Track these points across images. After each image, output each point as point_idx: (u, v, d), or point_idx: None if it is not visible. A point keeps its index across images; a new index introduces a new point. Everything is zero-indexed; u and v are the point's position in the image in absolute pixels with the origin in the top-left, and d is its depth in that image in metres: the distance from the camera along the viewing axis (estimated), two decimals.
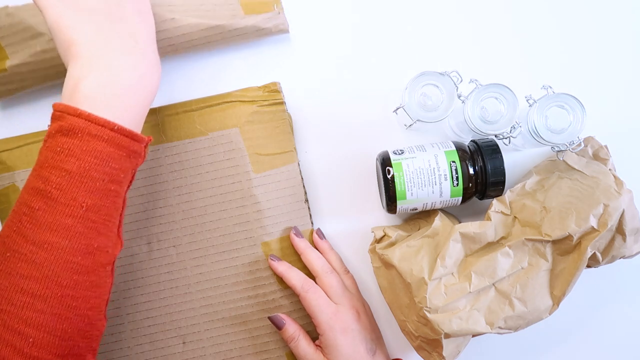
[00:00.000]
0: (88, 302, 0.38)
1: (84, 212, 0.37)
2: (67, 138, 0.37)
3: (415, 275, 0.47)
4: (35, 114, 0.55)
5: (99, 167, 0.37)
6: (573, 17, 0.56)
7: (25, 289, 0.36)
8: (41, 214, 0.36)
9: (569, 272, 0.46)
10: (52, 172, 0.37)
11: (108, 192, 0.38)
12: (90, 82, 0.39)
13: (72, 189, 0.37)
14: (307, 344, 0.49)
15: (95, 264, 0.38)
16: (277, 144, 0.52)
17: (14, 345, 0.35)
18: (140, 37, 0.41)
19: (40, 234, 0.36)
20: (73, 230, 0.37)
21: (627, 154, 0.53)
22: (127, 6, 0.42)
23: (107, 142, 0.37)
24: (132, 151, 0.39)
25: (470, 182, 0.48)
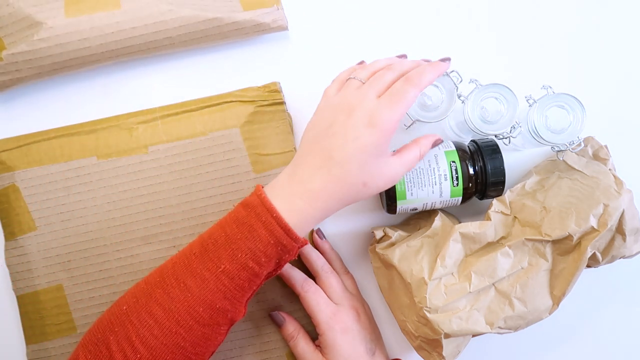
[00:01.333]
0: (195, 348, 0.41)
1: (220, 272, 0.41)
2: (242, 209, 0.42)
3: (415, 275, 0.47)
4: (35, 114, 0.55)
5: (247, 242, 0.41)
6: (573, 17, 0.56)
7: (153, 312, 0.40)
8: (193, 259, 0.42)
9: (569, 272, 0.46)
10: (217, 230, 0.42)
11: (246, 266, 0.41)
12: (283, 175, 0.43)
13: (220, 249, 0.41)
14: (306, 343, 0.49)
15: (212, 320, 0.41)
16: (277, 144, 0.52)
17: (126, 353, 0.40)
18: (334, 153, 0.41)
19: (184, 274, 0.41)
20: (206, 284, 0.41)
21: (627, 154, 0.53)
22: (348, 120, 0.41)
23: (262, 225, 0.41)
24: (280, 243, 0.41)
25: (470, 182, 0.48)
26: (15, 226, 0.51)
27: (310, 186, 0.41)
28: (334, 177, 0.41)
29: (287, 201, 0.41)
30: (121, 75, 0.55)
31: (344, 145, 0.41)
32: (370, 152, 0.41)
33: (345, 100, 0.43)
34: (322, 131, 0.42)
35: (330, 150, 0.41)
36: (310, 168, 0.42)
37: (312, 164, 0.42)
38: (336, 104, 0.43)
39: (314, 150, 0.42)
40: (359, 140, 0.41)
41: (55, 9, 0.51)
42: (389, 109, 0.41)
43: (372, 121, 0.41)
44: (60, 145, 0.52)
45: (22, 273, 0.51)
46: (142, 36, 0.51)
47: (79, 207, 0.51)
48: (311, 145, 0.43)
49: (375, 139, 0.41)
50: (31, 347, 0.51)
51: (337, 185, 0.41)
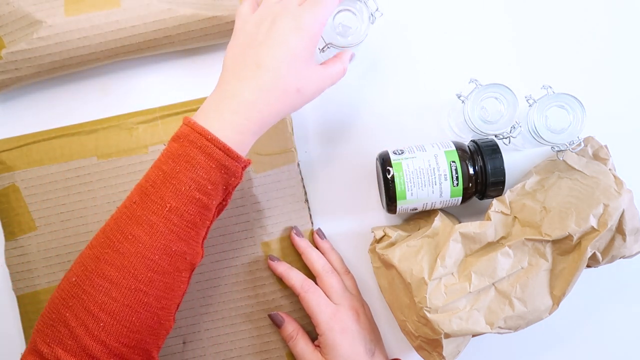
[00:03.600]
0: (159, 301, 0.39)
1: (167, 212, 0.38)
2: (174, 143, 0.40)
3: (415, 275, 0.47)
4: (35, 114, 0.55)
5: (187, 172, 0.38)
6: (573, 17, 0.56)
7: (107, 274, 0.38)
8: (135, 208, 0.39)
9: (569, 272, 0.46)
10: (153, 171, 0.40)
11: (193, 199, 0.39)
12: (210, 99, 0.41)
13: (162, 188, 0.39)
14: (305, 343, 0.49)
15: (171, 266, 0.39)
16: (277, 144, 0.52)
17: (87, 326, 0.37)
18: (262, 61, 0.40)
19: (129, 226, 0.38)
20: (155, 228, 0.38)
21: (627, 154, 0.53)
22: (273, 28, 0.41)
23: (199, 150, 0.39)
24: (223, 165, 0.39)
25: (470, 182, 0.48)
26: (15, 226, 0.51)
27: (242, 98, 0.40)
28: (266, 85, 0.40)
29: (219, 119, 0.39)
30: (121, 75, 0.55)
31: (273, 51, 0.40)
32: (300, 55, 0.40)
33: (266, 12, 0.42)
34: (246, 45, 0.41)
35: (258, 59, 0.40)
36: (239, 81, 0.40)
37: (240, 76, 0.40)
38: (257, 18, 0.42)
39: (240, 63, 0.41)
40: (288, 44, 0.40)
41: (55, 7, 0.51)
42: (313, 12, 0.41)
43: (298, 25, 0.40)
44: (60, 145, 0.52)
45: (22, 273, 0.51)
46: (142, 35, 0.51)
47: (79, 207, 0.51)
48: (236, 61, 0.41)
49: (304, 42, 0.40)
50: None
51: (270, 93, 0.40)
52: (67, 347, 0.37)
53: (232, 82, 0.41)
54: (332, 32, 0.49)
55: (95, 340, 0.37)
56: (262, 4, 0.44)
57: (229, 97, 0.40)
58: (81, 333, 0.37)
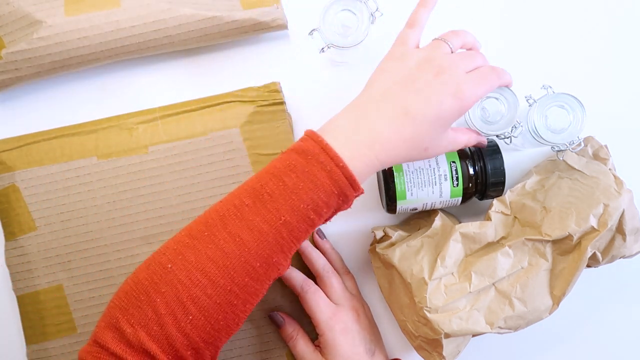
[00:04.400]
0: (245, 305, 0.39)
1: (280, 224, 0.38)
2: (298, 156, 0.39)
3: (415, 275, 0.47)
4: (35, 114, 0.55)
5: (310, 192, 0.38)
6: (573, 17, 0.56)
7: (206, 270, 0.37)
8: (246, 211, 0.38)
9: (569, 272, 0.46)
10: (272, 180, 0.39)
11: (307, 218, 0.39)
12: (344, 120, 0.41)
13: (280, 200, 0.38)
14: (305, 343, 0.49)
15: (266, 275, 0.39)
16: (277, 144, 0.52)
17: (176, 316, 0.37)
18: (412, 110, 0.40)
19: (237, 227, 0.38)
20: (264, 237, 0.38)
21: (627, 154, 0.53)
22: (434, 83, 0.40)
23: (327, 174, 0.38)
24: (343, 193, 0.39)
25: (470, 182, 0.48)
26: (15, 226, 0.51)
27: (380, 137, 0.39)
28: (405, 134, 0.40)
29: (352, 149, 0.39)
30: (121, 74, 0.55)
31: (425, 106, 0.40)
32: (445, 120, 0.40)
33: (434, 60, 0.41)
34: (403, 82, 0.40)
35: (409, 106, 0.40)
36: (382, 118, 0.40)
37: (384, 114, 0.40)
38: (422, 59, 0.41)
39: (389, 99, 0.40)
40: (441, 107, 0.40)
41: (55, 7, 0.51)
42: (476, 87, 0.40)
43: (458, 93, 0.40)
44: (60, 145, 0.52)
45: (22, 273, 0.51)
46: (142, 35, 0.51)
47: (79, 207, 0.51)
48: (386, 93, 0.41)
49: (454, 111, 0.40)
50: (31, 347, 0.51)
51: (405, 143, 0.40)
52: (152, 332, 0.37)
53: (373, 114, 0.40)
54: (333, 32, 0.49)
55: (180, 332, 0.37)
56: (431, 45, 0.43)
57: (366, 128, 0.40)
58: (169, 321, 0.37)
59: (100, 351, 0.37)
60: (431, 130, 0.40)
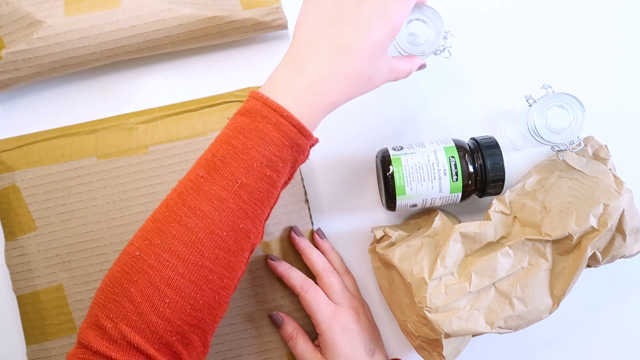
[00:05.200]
0: (222, 280, 0.39)
1: (238, 188, 0.38)
2: (243, 117, 0.38)
3: (415, 275, 0.47)
4: (35, 114, 0.55)
5: (260, 148, 0.38)
6: (573, 17, 0.56)
7: (173, 249, 0.37)
8: (202, 182, 0.38)
9: (569, 271, 0.46)
10: (221, 146, 0.38)
11: (263, 176, 0.38)
12: (281, 72, 0.40)
13: (232, 163, 0.38)
14: (305, 343, 0.49)
15: (236, 245, 0.39)
16: None
17: (153, 301, 0.36)
18: (346, 43, 0.39)
19: (197, 200, 0.37)
20: (225, 204, 0.37)
21: (627, 154, 0.53)
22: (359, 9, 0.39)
23: (273, 126, 0.38)
24: (295, 143, 0.38)
25: (469, 179, 0.48)
26: (15, 226, 0.51)
27: (320, 76, 0.38)
28: (345, 68, 0.39)
29: (295, 97, 0.38)
30: (121, 75, 0.55)
31: (358, 36, 0.39)
32: (381, 45, 0.39)
33: None
34: (329, 18, 0.39)
35: (342, 39, 0.39)
36: (318, 59, 0.39)
37: (319, 55, 0.39)
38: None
39: (321, 39, 0.39)
40: (373, 32, 0.39)
41: (55, 7, 0.51)
42: (401, 3, 0.39)
43: (386, 13, 0.39)
44: (60, 146, 0.52)
45: (22, 273, 0.51)
46: (142, 35, 0.51)
47: (79, 207, 0.51)
48: (315, 34, 0.39)
49: (388, 32, 0.39)
50: (31, 347, 0.51)
51: (347, 77, 0.39)
52: (132, 323, 0.36)
53: (308, 57, 0.39)
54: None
55: (160, 317, 0.36)
56: None
57: (305, 74, 0.39)
58: (146, 309, 0.36)
59: (85, 352, 0.36)
60: (370, 58, 0.39)
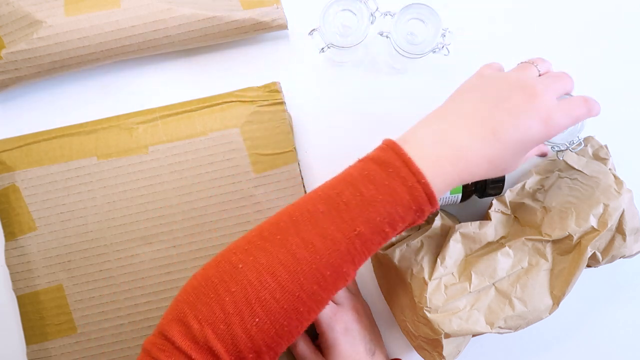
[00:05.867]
0: (310, 314, 0.39)
1: (354, 235, 0.37)
2: (378, 167, 0.38)
3: (415, 275, 0.47)
4: (35, 114, 0.55)
5: (387, 206, 0.37)
6: (573, 17, 0.56)
7: (277, 274, 0.37)
8: (320, 217, 0.38)
9: (569, 271, 0.46)
10: (348, 188, 0.38)
11: (381, 230, 0.38)
12: (426, 131, 0.40)
13: (356, 210, 0.37)
14: (305, 343, 0.49)
15: (334, 284, 0.38)
16: (277, 144, 0.52)
17: (243, 316, 0.36)
18: (501, 131, 0.39)
19: (311, 233, 0.37)
20: (337, 246, 0.37)
21: (627, 154, 0.53)
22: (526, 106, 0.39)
23: (407, 189, 0.37)
24: (420, 209, 0.38)
25: None
26: (15, 226, 0.51)
27: (465, 154, 0.39)
28: (490, 155, 0.39)
29: (435, 164, 0.38)
30: (121, 75, 0.55)
31: (515, 129, 0.39)
32: (529, 146, 0.40)
33: (527, 82, 0.40)
34: (493, 100, 0.40)
35: (498, 125, 0.39)
36: (470, 135, 0.39)
37: (472, 131, 0.39)
38: (514, 80, 0.41)
39: (477, 116, 0.39)
40: (529, 132, 0.39)
41: (55, 7, 0.51)
42: (566, 116, 0.39)
43: (548, 120, 0.39)
44: (60, 146, 0.52)
45: (22, 273, 0.51)
46: (142, 35, 0.51)
47: (79, 207, 0.51)
48: (474, 110, 0.40)
49: (542, 137, 0.39)
50: (31, 347, 0.51)
51: (488, 163, 0.39)
52: (218, 330, 0.36)
53: (459, 130, 0.39)
54: (333, 32, 0.49)
55: (245, 333, 0.36)
56: (521, 67, 0.42)
57: (451, 145, 0.39)
58: (235, 321, 0.36)
59: (166, 344, 0.36)
60: (515, 153, 0.40)
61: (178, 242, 0.51)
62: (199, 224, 0.51)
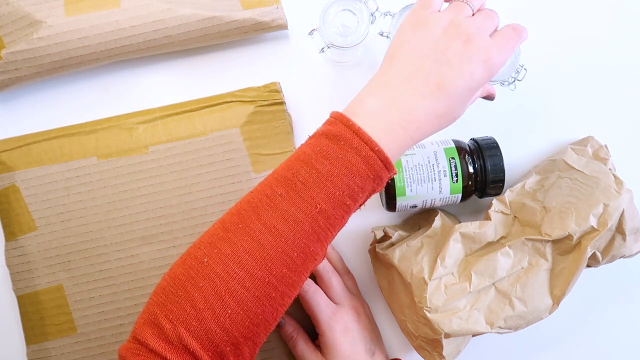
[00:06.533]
0: (283, 298, 0.38)
1: (316, 213, 0.37)
2: (330, 142, 0.38)
3: (415, 275, 0.47)
4: (35, 114, 0.55)
5: (345, 178, 0.37)
6: (573, 17, 0.56)
7: (243, 262, 0.37)
8: (280, 200, 0.37)
9: (569, 271, 0.46)
10: (303, 167, 0.38)
11: (343, 204, 0.38)
12: (373, 99, 0.39)
13: (314, 187, 0.37)
14: (305, 343, 0.49)
15: (303, 266, 0.38)
16: (277, 144, 0.52)
17: (215, 310, 0.36)
18: (446, 84, 0.38)
19: (272, 217, 0.37)
20: (300, 226, 0.37)
21: (627, 154, 0.53)
22: (460, 51, 0.38)
23: (362, 159, 0.37)
24: (378, 176, 0.38)
25: (469, 180, 0.48)
26: (15, 226, 0.51)
27: (414, 116, 0.38)
28: (439, 110, 0.38)
29: (387, 130, 0.38)
30: (121, 75, 0.55)
31: (458, 78, 0.38)
32: (475, 90, 0.39)
33: (460, 26, 0.39)
34: (432, 53, 0.39)
35: (442, 80, 0.38)
36: (415, 95, 0.38)
37: (417, 91, 0.38)
38: (448, 25, 0.39)
39: (419, 74, 0.39)
40: (473, 78, 0.38)
41: (55, 7, 0.51)
42: (503, 52, 0.39)
43: (488, 61, 0.38)
44: (60, 146, 0.52)
45: (22, 273, 0.51)
46: (142, 35, 0.51)
47: (79, 207, 0.51)
48: (415, 68, 0.39)
49: (485, 79, 0.39)
50: (31, 347, 0.51)
51: (438, 118, 0.39)
52: (191, 328, 0.36)
53: (405, 92, 0.39)
54: (332, 32, 0.49)
55: (220, 326, 0.36)
56: (453, 8, 0.41)
57: (399, 108, 0.38)
58: (208, 316, 0.36)
59: (140, 348, 0.36)
60: (463, 101, 0.39)
61: (178, 242, 0.51)
62: (199, 224, 0.51)
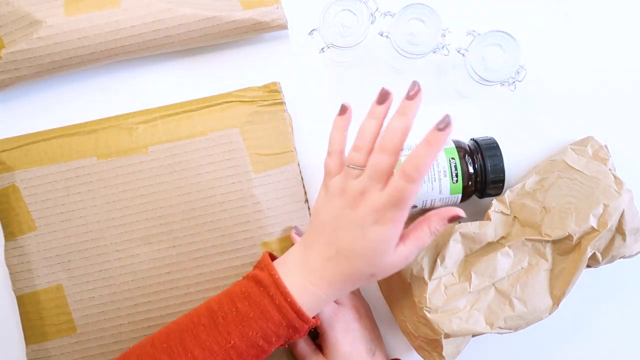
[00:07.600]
0: None
1: (230, 347, 0.41)
2: (253, 285, 0.42)
3: (415, 276, 0.47)
4: (35, 114, 0.55)
5: (260, 322, 0.41)
6: (573, 17, 0.56)
7: None
8: (201, 330, 0.42)
9: (569, 272, 0.46)
10: (228, 303, 0.42)
11: (256, 344, 0.41)
12: (294, 256, 0.44)
13: (231, 324, 0.41)
14: (305, 342, 0.49)
15: None
16: (277, 144, 0.52)
17: None
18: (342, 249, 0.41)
19: (192, 344, 0.41)
20: (214, 357, 0.41)
21: (627, 154, 0.53)
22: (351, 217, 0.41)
23: (276, 308, 0.41)
24: (292, 325, 0.42)
25: (469, 180, 0.48)
26: (15, 226, 0.51)
27: (321, 275, 0.42)
28: (343, 270, 0.42)
29: (300, 286, 0.42)
30: (121, 75, 0.55)
31: (352, 242, 0.41)
32: (380, 248, 0.41)
33: (348, 192, 0.42)
34: (329, 220, 0.43)
35: (338, 243, 0.42)
36: (320, 258, 0.42)
37: (321, 254, 0.42)
38: (338, 192, 0.42)
39: (322, 238, 0.43)
40: (367, 239, 0.40)
41: (55, 7, 0.51)
42: (395, 207, 0.39)
43: (380, 219, 0.40)
44: (60, 146, 0.52)
45: (22, 273, 0.51)
46: (142, 35, 0.51)
47: (79, 207, 0.51)
48: (319, 232, 0.43)
49: (385, 235, 0.40)
50: (31, 347, 0.51)
51: (346, 277, 0.42)
52: None
53: (314, 255, 0.43)
54: (332, 32, 0.49)
55: None
56: (342, 174, 0.43)
57: (309, 268, 0.43)
58: None
59: None
60: (369, 261, 0.41)
61: (178, 242, 0.51)
62: (199, 224, 0.51)
